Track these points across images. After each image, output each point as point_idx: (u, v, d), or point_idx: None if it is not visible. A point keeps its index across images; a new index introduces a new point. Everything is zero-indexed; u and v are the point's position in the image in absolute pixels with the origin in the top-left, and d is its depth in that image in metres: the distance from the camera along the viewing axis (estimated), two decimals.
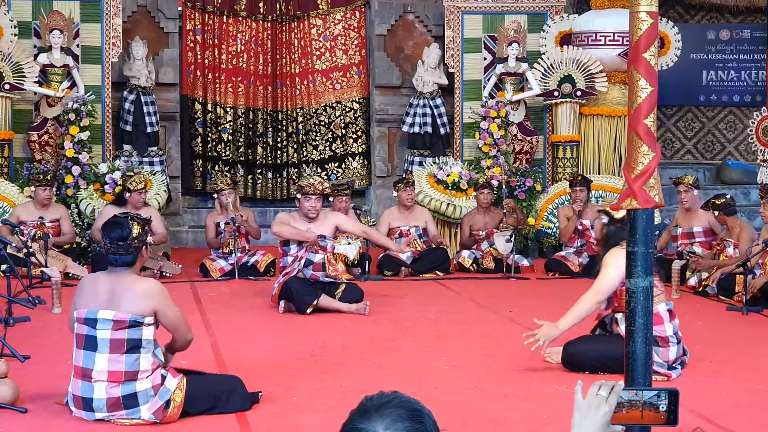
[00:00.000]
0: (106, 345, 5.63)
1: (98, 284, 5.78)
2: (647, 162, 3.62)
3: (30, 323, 8.43)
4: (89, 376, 5.67)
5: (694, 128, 17.09)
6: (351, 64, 14.97)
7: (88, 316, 5.67)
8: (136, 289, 5.69)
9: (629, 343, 3.62)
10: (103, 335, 5.64)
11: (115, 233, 5.69)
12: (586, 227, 11.73)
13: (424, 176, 13.22)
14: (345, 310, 9.23)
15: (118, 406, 5.67)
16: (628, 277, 3.65)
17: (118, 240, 5.68)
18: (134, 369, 5.66)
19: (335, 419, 5.43)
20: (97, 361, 5.65)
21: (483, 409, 6.14)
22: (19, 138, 12.86)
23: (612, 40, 13.65)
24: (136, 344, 5.65)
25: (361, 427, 2.23)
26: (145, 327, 5.67)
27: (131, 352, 5.65)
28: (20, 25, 12.90)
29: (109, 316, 5.62)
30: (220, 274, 11.31)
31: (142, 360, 5.68)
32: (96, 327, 5.65)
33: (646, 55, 3.59)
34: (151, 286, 5.78)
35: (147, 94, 13.41)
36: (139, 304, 5.65)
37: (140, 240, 5.75)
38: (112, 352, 5.63)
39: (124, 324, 5.62)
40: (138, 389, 5.67)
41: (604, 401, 2.57)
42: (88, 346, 5.68)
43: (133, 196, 11.20)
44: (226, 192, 11.56)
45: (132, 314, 5.63)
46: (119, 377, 5.64)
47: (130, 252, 5.72)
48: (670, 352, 6.94)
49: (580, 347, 6.99)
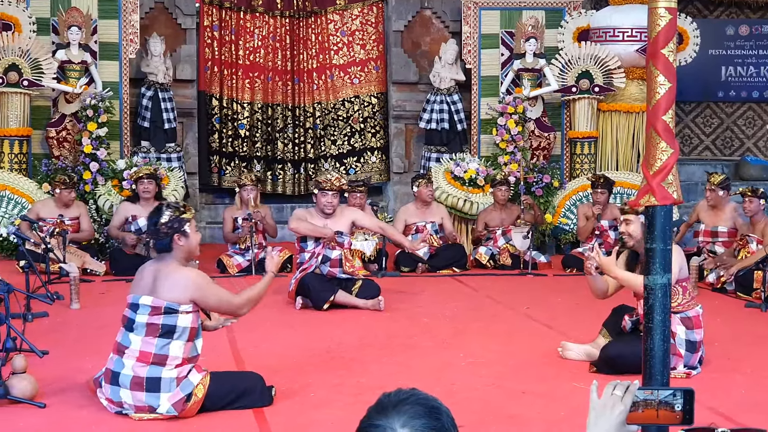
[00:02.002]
0: (143, 328, 5.75)
1: (145, 271, 5.93)
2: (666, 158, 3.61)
3: (48, 319, 8.46)
4: (123, 351, 5.80)
5: (712, 124, 17.01)
6: (369, 59, 14.96)
7: (133, 301, 5.84)
8: (173, 277, 5.80)
9: (647, 340, 3.61)
10: (141, 319, 5.77)
11: (152, 219, 5.90)
12: (604, 228, 11.70)
13: (441, 173, 13.20)
14: (361, 305, 9.24)
15: (140, 387, 5.72)
16: (647, 274, 3.63)
17: (152, 225, 5.88)
18: (164, 353, 5.74)
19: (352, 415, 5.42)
20: (132, 340, 5.79)
21: (500, 406, 6.13)
22: (38, 134, 12.91)
23: (630, 35, 13.60)
24: (169, 330, 5.75)
25: (379, 423, 2.23)
26: (181, 315, 5.77)
27: (164, 337, 5.75)
28: (38, 21, 12.94)
29: (148, 302, 5.76)
30: (237, 270, 11.33)
31: (172, 346, 5.76)
32: (137, 311, 5.79)
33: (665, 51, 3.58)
34: (186, 276, 5.85)
35: (165, 90, 13.44)
36: (175, 292, 5.76)
37: (169, 226, 5.84)
38: (146, 335, 5.75)
39: (159, 310, 5.74)
40: (163, 375, 5.73)
41: (619, 401, 2.57)
42: (127, 326, 5.83)
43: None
44: (249, 188, 11.56)
45: (168, 301, 5.74)
46: (148, 358, 5.74)
47: (160, 237, 5.84)
48: (697, 356, 6.94)
49: (620, 349, 6.81)
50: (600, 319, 7.40)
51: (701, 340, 6.97)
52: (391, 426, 2.21)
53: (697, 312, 6.95)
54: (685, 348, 6.86)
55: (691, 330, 6.89)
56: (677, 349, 6.78)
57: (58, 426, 5.73)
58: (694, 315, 6.93)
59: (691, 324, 6.90)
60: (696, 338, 6.90)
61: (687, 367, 6.88)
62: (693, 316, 6.92)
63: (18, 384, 6.01)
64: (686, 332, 6.87)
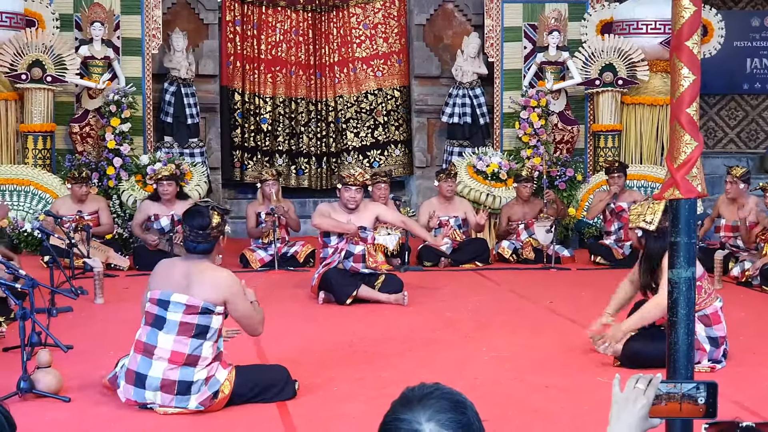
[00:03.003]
0: (175, 327, 5.72)
1: (174, 268, 5.90)
2: (690, 151, 3.58)
3: (72, 314, 8.45)
4: (150, 352, 5.75)
5: (737, 117, 16.92)
6: (391, 53, 14.95)
7: (162, 298, 5.78)
8: (208, 277, 5.79)
9: (671, 334, 3.59)
10: (173, 317, 5.73)
11: (195, 222, 5.83)
12: (622, 208, 11.69)
13: (464, 167, 13.18)
14: (384, 300, 9.23)
15: (171, 390, 5.71)
16: (671, 268, 3.61)
17: (198, 228, 5.82)
18: (197, 354, 5.73)
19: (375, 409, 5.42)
20: (160, 340, 5.74)
21: (524, 400, 6.12)
22: (61, 130, 12.97)
23: (653, 28, 13.54)
24: (203, 330, 5.74)
25: (404, 417, 2.23)
26: (215, 315, 5.77)
27: (198, 337, 5.73)
28: (62, 17, 13.01)
29: (183, 300, 5.72)
30: (260, 264, 11.35)
31: (205, 346, 5.76)
32: (168, 309, 5.75)
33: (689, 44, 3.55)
34: (222, 277, 5.84)
35: (187, 85, 13.48)
36: (211, 292, 5.75)
37: (218, 230, 5.87)
38: (179, 335, 5.72)
39: (196, 310, 5.72)
40: (194, 378, 5.72)
41: (641, 394, 2.56)
42: (156, 324, 5.77)
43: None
44: (270, 182, 11.57)
45: (205, 301, 5.72)
46: (180, 359, 5.70)
47: (208, 240, 5.85)
48: (721, 350, 6.91)
49: (643, 344, 6.76)
50: (624, 312, 7.37)
51: (724, 336, 6.92)
52: (417, 420, 2.22)
53: (715, 308, 6.87)
54: (708, 343, 6.82)
55: (710, 327, 6.84)
56: (700, 344, 6.75)
57: (83, 420, 5.76)
58: (711, 312, 6.86)
59: (710, 321, 6.84)
60: (717, 334, 6.86)
61: (711, 361, 6.85)
62: (711, 314, 6.85)
63: (43, 378, 6.04)
64: (705, 329, 6.82)
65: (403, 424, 2.22)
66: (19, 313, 6.13)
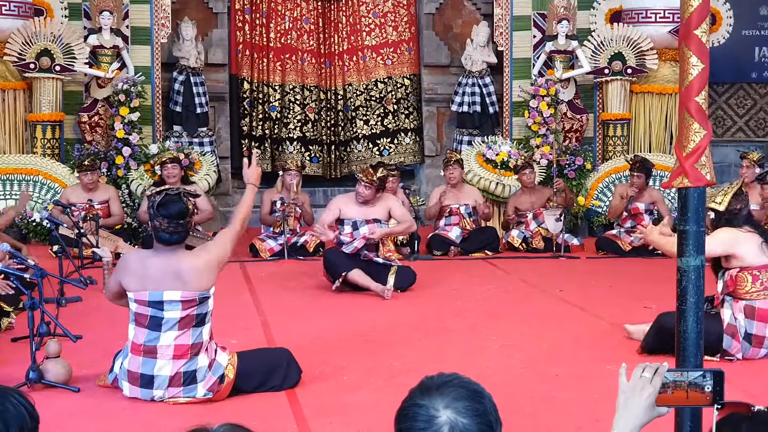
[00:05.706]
0: (175, 324, 5.67)
1: (150, 265, 5.75)
2: (698, 140, 3.58)
3: (81, 303, 8.51)
4: (153, 353, 5.69)
5: (745, 105, 16.86)
6: (401, 41, 14.92)
7: (152, 299, 5.67)
8: (198, 265, 5.70)
9: (680, 323, 3.58)
10: (171, 315, 5.66)
11: (173, 210, 5.64)
12: (638, 210, 11.61)
13: (473, 155, 13.17)
14: (372, 288, 9.17)
15: (178, 383, 5.71)
16: (680, 256, 3.60)
17: (177, 218, 5.64)
18: (199, 341, 5.72)
19: (385, 398, 5.44)
20: (162, 339, 5.69)
21: (533, 389, 6.12)
22: (70, 119, 12.98)
23: (662, 17, 13.51)
24: (202, 318, 5.73)
25: (422, 403, 2.28)
26: (210, 298, 5.76)
27: (197, 326, 5.72)
28: (70, 6, 13.00)
29: (177, 297, 5.65)
30: (270, 254, 11.35)
31: (204, 331, 5.76)
32: (163, 309, 5.67)
33: (698, 32, 3.54)
34: (205, 260, 5.76)
35: (196, 74, 13.47)
36: (205, 279, 5.68)
37: (192, 213, 5.80)
38: (180, 329, 5.68)
39: (193, 303, 5.68)
40: (198, 366, 5.71)
41: (648, 383, 2.58)
42: (152, 326, 5.69)
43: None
44: (293, 172, 11.59)
45: (200, 291, 5.67)
46: (185, 351, 5.68)
47: (187, 229, 5.75)
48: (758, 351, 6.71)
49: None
50: (635, 301, 7.36)
51: (764, 336, 6.67)
52: (434, 406, 2.26)
53: (766, 306, 6.65)
54: (743, 337, 6.64)
55: (752, 321, 6.62)
56: (737, 334, 6.61)
57: (92, 409, 5.77)
58: (760, 307, 6.64)
59: (754, 315, 6.62)
60: (754, 331, 6.63)
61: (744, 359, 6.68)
62: (758, 308, 6.63)
63: (52, 368, 6.06)
64: (746, 321, 6.63)
65: (421, 410, 2.27)
66: (28, 303, 6.15)
